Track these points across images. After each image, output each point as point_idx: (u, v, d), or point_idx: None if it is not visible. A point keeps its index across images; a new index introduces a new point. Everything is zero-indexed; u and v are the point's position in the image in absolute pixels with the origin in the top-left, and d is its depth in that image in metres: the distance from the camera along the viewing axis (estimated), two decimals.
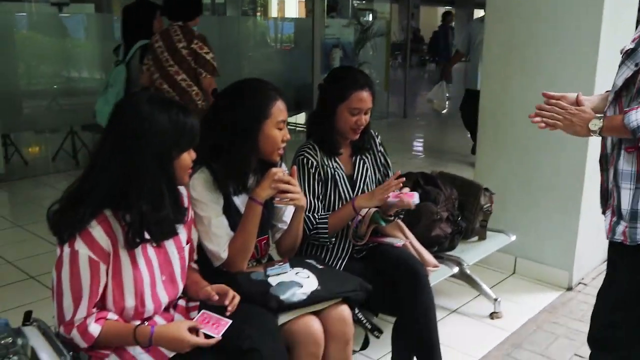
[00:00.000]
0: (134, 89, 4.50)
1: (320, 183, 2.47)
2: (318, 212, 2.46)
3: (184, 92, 4.02)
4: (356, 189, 2.56)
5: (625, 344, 1.88)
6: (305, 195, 2.37)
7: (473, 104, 6.08)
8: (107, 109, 3.66)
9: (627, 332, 1.87)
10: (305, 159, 2.46)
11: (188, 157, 1.81)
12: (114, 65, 4.71)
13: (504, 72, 3.67)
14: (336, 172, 2.51)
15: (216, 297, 1.87)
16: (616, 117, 1.79)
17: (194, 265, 2.11)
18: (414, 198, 2.38)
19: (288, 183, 2.10)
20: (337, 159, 2.55)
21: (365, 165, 2.62)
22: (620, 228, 1.78)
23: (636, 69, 1.75)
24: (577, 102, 1.94)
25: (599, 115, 1.83)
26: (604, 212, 1.90)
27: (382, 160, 2.70)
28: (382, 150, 2.70)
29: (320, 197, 2.48)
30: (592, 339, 1.99)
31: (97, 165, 1.72)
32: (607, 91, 2.02)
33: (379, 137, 2.71)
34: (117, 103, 1.78)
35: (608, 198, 1.88)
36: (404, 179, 2.42)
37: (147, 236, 1.76)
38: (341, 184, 2.52)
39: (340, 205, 2.51)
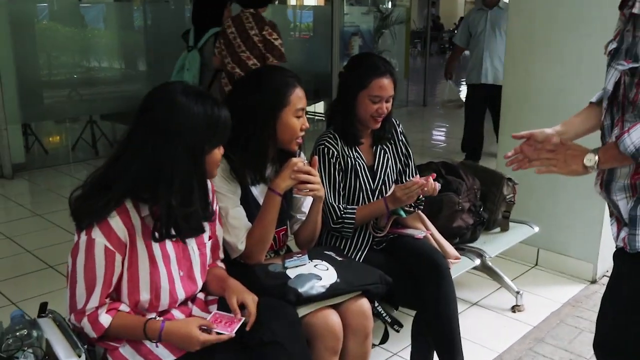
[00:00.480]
0: (208, 74, 4.78)
1: (341, 173, 2.45)
2: (339, 202, 2.43)
3: None
4: (377, 180, 2.53)
5: (631, 349, 1.81)
6: (325, 185, 2.36)
7: (476, 99, 6.02)
8: None
9: (633, 336, 1.80)
10: (325, 149, 2.43)
11: (219, 152, 1.79)
12: (185, 50, 4.96)
13: (526, 59, 3.61)
14: (357, 162, 2.48)
15: (240, 317, 1.80)
16: (610, 147, 1.68)
17: (221, 265, 2.06)
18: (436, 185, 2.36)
19: (308, 173, 2.07)
20: (357, 149, 2.51)
21: (387, 156, 2.59)
22: (622, 234, 1.72)
23: (623, 69, 1.65)
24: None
25: (592, 149, 1.74)
26: (611, 216, 1.83)
27: (404, 151, 2.65)
28: (403, 139, 2.66)
29: (341, 187, 2.45)
30: (597, 344, 1.93)
31: (125, 153, 1.69)
32: (591, 102, 1.96)
33: (401, 126, 2.67)
34: (149, 92, 1.74)
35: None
36: (429, 182, 2.35)
37: (173, 232, 1.73)
38: (362, 175, 2.48)
39: (360, 197, 2.48)
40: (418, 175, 2.43)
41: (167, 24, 7.63)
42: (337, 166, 2.44)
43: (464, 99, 6.54)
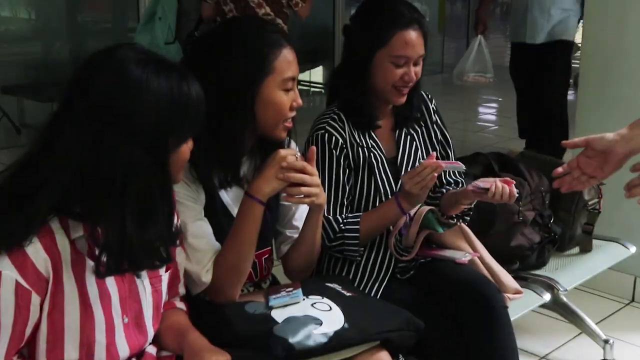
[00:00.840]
0: (187, 25, 4.94)
1: (348, 170, 2.47)
2: (345, 211, 2.44)
3: None
4: (400, 178, 2.52)
5: None
6: (325, 187, 2.36)
7: (524, 62, 6.07)
8: (154, 47, 4.39)
9: None
10: (326, 135, 2.45)
11: (187, 148, 1.80)
12: None
13: (612, 4, 3.65)
14: (372, 154, 2.49)
15: None
16: None
17: (181, 305, 2.08)
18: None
19: (302, 171, 2.06)
20: (373, 135, 2.53)
21: (414, 143, 2.61)
22: None
23: None
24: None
25: None
26: None
27: (439, 136, 2.68)
28: (437, 120, 2.68)
29: (348, 190, 2.47)
30: None
31: (51, 151, 1.68)
32: None
33: (434, 101, 2.70)
34: (87, 61, 1.74)
35: None
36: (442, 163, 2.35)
37: (126, 265, 1.73)
38: (379, 171, 2.50)
39: (378, 203, 2.49)
40: (434, 154, 2.42)
41: None
42: (342, 161, 2.45)
43: (491, 73, 6.52)
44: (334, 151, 2.44)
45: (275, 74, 2.08)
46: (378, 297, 2.45)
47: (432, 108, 2.68)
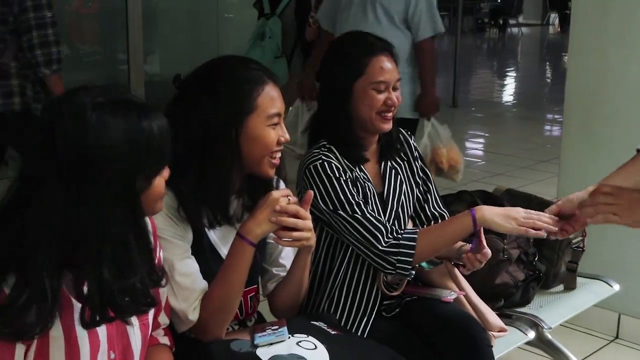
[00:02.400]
0: (288, 42, 5.88)
1: (355, 189, 2.45)
2: (373, 213, 2.42)
3: None
4: (387, 212, 2.55)
5: None
6: (337, 207, 2.38)
7: None
8: (265, 61, 5.29)
9: None
10: (325, 163, 2.43)
11: (161, 180, 1.77)
12: (263, 17, 5.99)
13: (596, 44, 3.68)
14: (366, 185, 2.51)
15: None
16: None
17: (165, 340, 2.05)
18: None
19: (295, 215, 2.05)
20: (363, 168, 2.54)
21: (399, 177, 2.62)
22: None
23: None
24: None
25: None
26: None
27: (420, 173, 2.71)
28: (418, 155, 2.71)
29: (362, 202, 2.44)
30: None
31: (27, 206, 1.66)
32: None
33: (413, 138, 2.75)
34: (47, 107, 1.75)
35: None
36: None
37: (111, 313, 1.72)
38: (372, 203, 2.50)
39: None
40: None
41: None
42: (348, 181, 2.43)
43: None
44: (335, 171, 2.42)
45: (258, 111, 2.08)
46: (365, 334, 2.44)
47: (413, 144, 2.70)
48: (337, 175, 2.41)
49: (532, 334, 2.87)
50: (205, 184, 2.08)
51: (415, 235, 2.36)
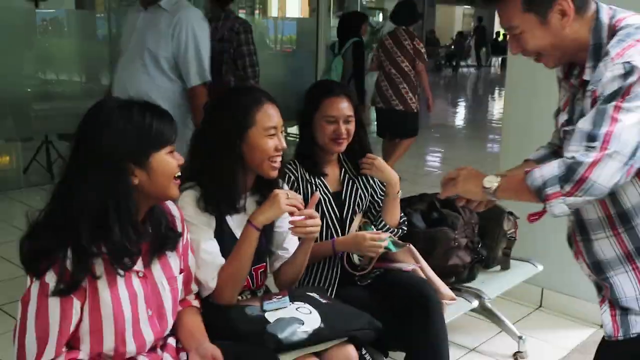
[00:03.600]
0: (347, 73, 6.36)
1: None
2: None
3: (405, 74, 6.16)
4: (345, 208, 2.59)
5: None
6: None
7: None
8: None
9: None
10: (284, 175, 2.47)
11: (169, 159, 1.76)
12: (332, 56, 6.59)
13: (526, 80, 3.67)
14: (319, 190, 2.53)
15: None
16: (516, 177, 1.74)
17: (196, 303, 2.06)
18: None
19: (310, 216, 2.12)
20: (321, 178, 2.58)
21: (355, 186, 2.65)
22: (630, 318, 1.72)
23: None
24: None
25: (497, 174, 1.81)
26: (603, 302, 1.83)
27: (378, 187, 2.72)
28: (376, 181, 2.72)
29: None
30: None
31: (66, 184, 1.70)
32: (527, 159, 2.14)
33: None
34: (86, 112, 1.76)
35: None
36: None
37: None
38: (325, 203, 2.54)
39: (325, 224, 2.52)
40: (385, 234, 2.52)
41: None
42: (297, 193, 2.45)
43: None
44: (289, 186, 2.46)
45: (257, 125, 2.10)
46: (333, 296, 2.45)
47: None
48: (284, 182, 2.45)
49: (475, 303, 2.88)
50: (218, 182, 2.10)
51: None
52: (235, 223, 2.19)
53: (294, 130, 6.47)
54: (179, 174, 1.81)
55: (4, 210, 5.63)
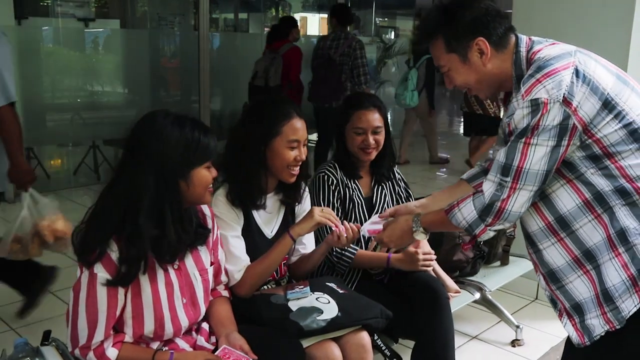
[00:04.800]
0: (420, 84, 6.85)
1: (339, 201, 2.48)
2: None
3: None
4: (375, 212, 2.56)
5: None
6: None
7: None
8: (407, 94, 6.81)
9: None
10: (325, 176, 2.48)
11: (207, 173, 1.79)
12: (407, 69, 7.02)
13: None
14: (354, 194, 2.52)
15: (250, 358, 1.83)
16: (437, 214, 1.81)
17: (225, 293, 2.08)
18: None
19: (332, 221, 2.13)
20: (356, 182, 2.55)
21: (384, 192, 2.63)
22: (589, 322, 1.65)
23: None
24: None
25: (414, 221, 1.87)
26: (561, 316, 1.78)
27: (404, 193, 2.70)
28: (402, 182, 2.71)
29: (338, 215, 2.46)
30: None
31: (114, 183, 1.73)
32: (462, 178, 2.13)
33: (400, 174, 2.74)
34: (138, 120, 1.78)
35: None
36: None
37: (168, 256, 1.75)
38: (358, 206, 2.52)
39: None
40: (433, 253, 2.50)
41: (171, 50, 7.74)
42: (336, 194, 2.47)
43: None
44: (330, 187, 2.46)
45: (282, 135, 2.10)
46: (353, 288, 2.44)
47: (399, 177, 2.70)
48: (328, 188, 2.46)
49: (477, 295, 2.88)
50: (243, 180, 2.12)
51: (352, 256, 2.42)
52: (262, 219, 2.21)
53: (313, 137, 6.39)
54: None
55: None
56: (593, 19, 3.31)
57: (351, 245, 2.38)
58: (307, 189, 2.33)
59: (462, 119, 8.36)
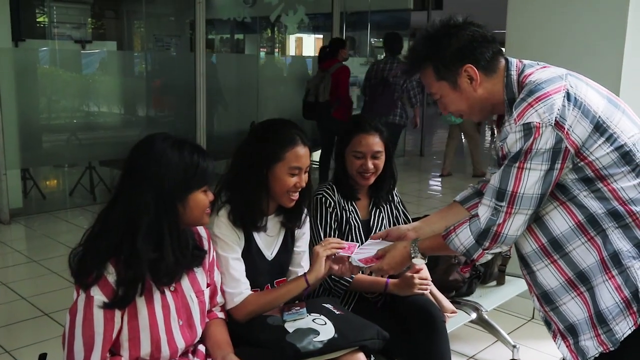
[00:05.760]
0: None
1: (336, 223, 2.48)
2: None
3: None
4: (371, 236, 2.54)
5: None
6: (320, 233, 2.42)
7: None
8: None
9: None
10: (323, 198, 2.47)
11: (204, 197, 1.80)
12: None
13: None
14: (351, 216, 2.52)
15: None
16: (435, 239, 1.83)
17: (221, 315, 2.07)
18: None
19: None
20: (354, 204, 2.55)
21: (382, 215, 2.62)
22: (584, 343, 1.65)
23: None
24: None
25: (412, 248, 1.90)
26: (555, 337, 1.79)
27: (401, 213, 2.69)
28: (401, 207, 2.71)
29: (335, 237, 2.46)
30: None
31: (112, 205, 1.73)
32: (455, 200, 2.12)
33: (398, 196, 2.73)
34: (137, 143, 1.79)
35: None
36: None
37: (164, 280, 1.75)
38: (355, 229, 2.51)
39: None
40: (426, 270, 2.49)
41: (168, 71, 7.78)
42: (333, 216, 2.47)
43: None
44: (328, 209, 2.45)
45: (284, 162, 2.09)
46: (350, 309, 2.43)
47: (397, 199, 2.69)
48: (325, 210, 2.46)
49: (474, 315, 2.87)
50: (244, 200, 2.12)
51: (350, 280, 2.41)
52: (263, 241, 2.20)
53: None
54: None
55: (51, 228, 5.69)
56: (585, 39, 3.35)
57: None
58: (307, 220, 2.32)
59: None
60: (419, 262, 1.88)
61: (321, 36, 11.67)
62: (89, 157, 6.96)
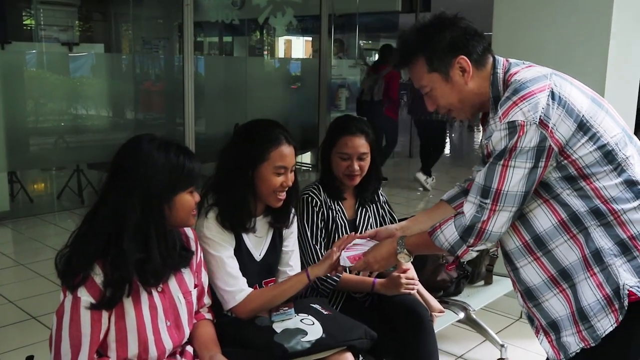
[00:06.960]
0: None
1: (323, 222, 2.49)
2: (321, 249, 2.45)
3: None
4: (358, 233, 2.55)
5: None
6: (307, 230, 2.43)
7: None
8: None
9: None
10: (309, 198, 2.48)
11: (190, 198, 1.80)
12: None
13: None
14: (337, 216, 2.53)
15: None
16: (421, 236, 1.84)
17: (209, 316, 2.07)
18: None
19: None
20: (340, 204, 2.56)
21: (368, 214, 2.64)
22: (569, 340, 1.66)
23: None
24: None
25: (399, 243, 1.90)
26: (538, 333, 1.81)
27: (387, 213, 2.70)
28: (387, 208, 2.72)
29: (322, 234, 2.49)
30: None
31: (98, 206, 1.73)
32: (442, 199, 2.14)
33: (384, 196, 2.74)
34: (123, 144, 1.79)
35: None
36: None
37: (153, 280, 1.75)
38: (341, 228, 2.52)
39: None
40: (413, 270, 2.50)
41: (156, 73, 7.76)
42: (319, 215, 2.48)
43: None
44: (314, 208, 2.47)
45: (270, 161, 2.09)
46: (338, 309, 2.44)
47: (383, 200, 2.71)
48: (312, 209, 2.47)
49: (462, 315, 2.88)
50: (231, 202, 2.11)
51: (338, 280, 2.41)
52: (252, 242, 2.20)
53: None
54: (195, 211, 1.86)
55: (39, 232, 5.66)
56: (571, 39, 3.38)
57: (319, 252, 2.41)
58: (295, 218, 2.33)
59: None
60: (404, 259, 1.89)
61: (310, 38, 11.68)
62: (76, 160, 6.92)
